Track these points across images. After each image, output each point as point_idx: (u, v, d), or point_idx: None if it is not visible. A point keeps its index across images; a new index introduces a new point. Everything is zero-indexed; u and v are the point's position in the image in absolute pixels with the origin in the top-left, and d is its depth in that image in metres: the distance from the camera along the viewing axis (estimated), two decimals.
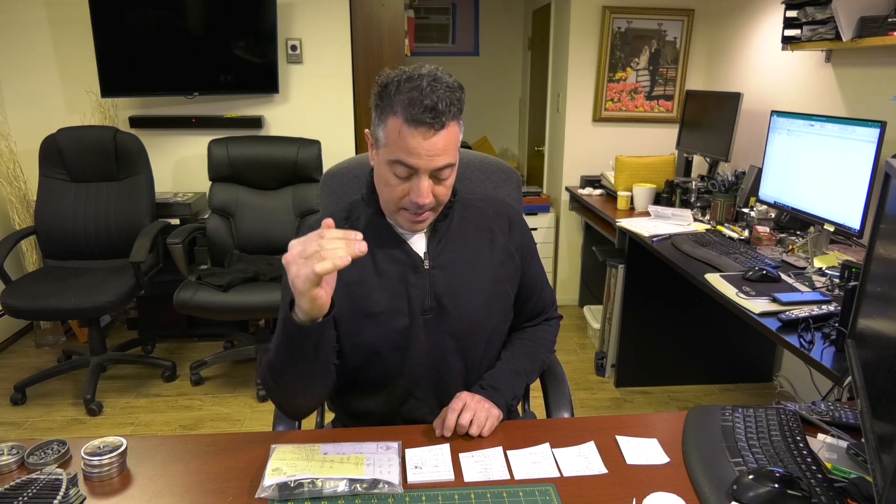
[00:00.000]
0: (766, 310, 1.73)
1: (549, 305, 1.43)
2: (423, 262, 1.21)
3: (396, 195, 1.12)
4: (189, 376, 3.05)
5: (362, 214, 1.25)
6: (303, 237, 0.93)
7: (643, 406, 2.90)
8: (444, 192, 1.15)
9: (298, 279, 0.91)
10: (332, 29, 3.43)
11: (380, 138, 1.12)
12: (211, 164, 3.17)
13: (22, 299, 2.66)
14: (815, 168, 2.26)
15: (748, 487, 0.89)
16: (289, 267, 0.92)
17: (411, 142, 1.07)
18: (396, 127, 1.07)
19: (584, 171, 3.77)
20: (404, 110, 1.06)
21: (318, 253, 0.90)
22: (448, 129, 1.09)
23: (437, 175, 1.11)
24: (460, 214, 1.26)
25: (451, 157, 1.11)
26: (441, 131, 1.07)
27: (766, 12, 3.06)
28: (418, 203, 1.11)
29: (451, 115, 1.08)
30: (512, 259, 1.29)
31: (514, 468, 1.01)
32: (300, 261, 0.91)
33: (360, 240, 0.92)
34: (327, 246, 0.90)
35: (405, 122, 1.06)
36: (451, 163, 1.12)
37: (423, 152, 1.07)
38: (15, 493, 0.89)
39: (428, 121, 1.05)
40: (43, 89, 3.38)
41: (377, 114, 1.12)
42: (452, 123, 1.10)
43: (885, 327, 0.96)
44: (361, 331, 1.19)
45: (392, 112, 1.08)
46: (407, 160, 1.08)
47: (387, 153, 1.10)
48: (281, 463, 0.98)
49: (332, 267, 0.89)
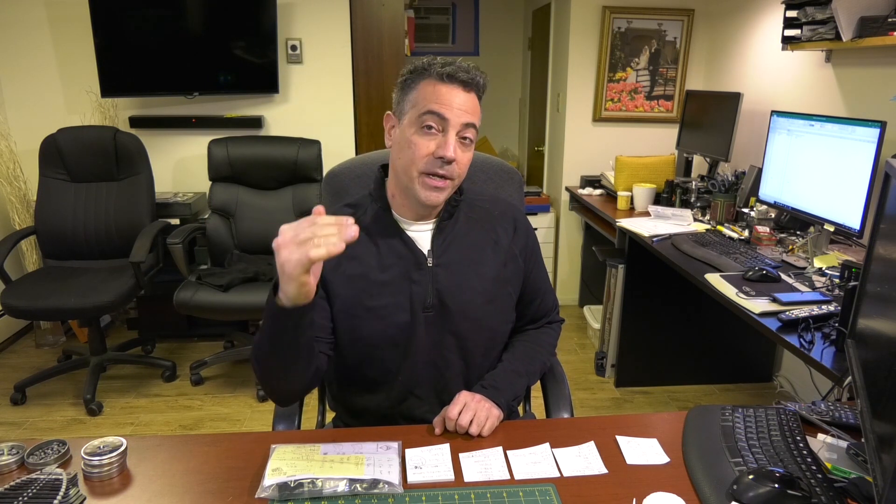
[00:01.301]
0: (766, 310, 1.73)
1: (552, 309, 1.43)
2: (427, 259, 1.21)
3: (421, 153, 1.14)
4: (189, 376, 3.05)
5: (369, 209, 1.25)
6: (294, 222, 0.92)
7: (643, 406, 2.90)
8: (465, 161, 1.18)
9: (290, 263, 0.91)
10: (332, 29, 3.43)
11: (405, 107, 1.16)
12: (211, 164, 3.17)
13: (22, 299, 2.66)
14: (815, 168, 2.26)
15: (748, 487, 0.89)
16: (279, 251, 0.92)
17: (446, 95, 1.13)
18: (431, 85, 1.14)
19: (584, 171, 3.76)
20: (438, 71, 1.13)
21: (312, 239, 0.89)
22: (475, 96, 1.16)
23: (462, 135, 1.15)
24: (466, 214, 1.27)
25: (476, 119, 1.17)
26: (471, 92, 1.15)
27: (766, 12, 3.06)
28: (446, 156, 1.12)
29: (480, 85, 1.17)
30: (515, 261, 1.30)
31: (514, 468, 1.01)
32: (292, 246, 0.90)
33: (351, 224, 0.91)
34: (320, 232, 0.90)
35: (439, 79, 1.13)
36: (475, 124, 1.17)
37: (454, 105, 1.13)
38: (15, 493, 0.89)
39: (462, 77, 1.13)
40: (43, 89, 3.38)
41: (404, 89, 1.17)
42: (477, 95, 1.17)
43: (885, 327, 0.96)
44: (361, 325, 1.19)
45: (426, 76, 1.15)
46: (439, 110, 1.12)
47: (416, 111, 1.14)
48: (281, 463, 0.98)
49: (327, 253, 0.89)
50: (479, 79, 1.16)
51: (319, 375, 1.17)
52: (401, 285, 1.19)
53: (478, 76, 1.15)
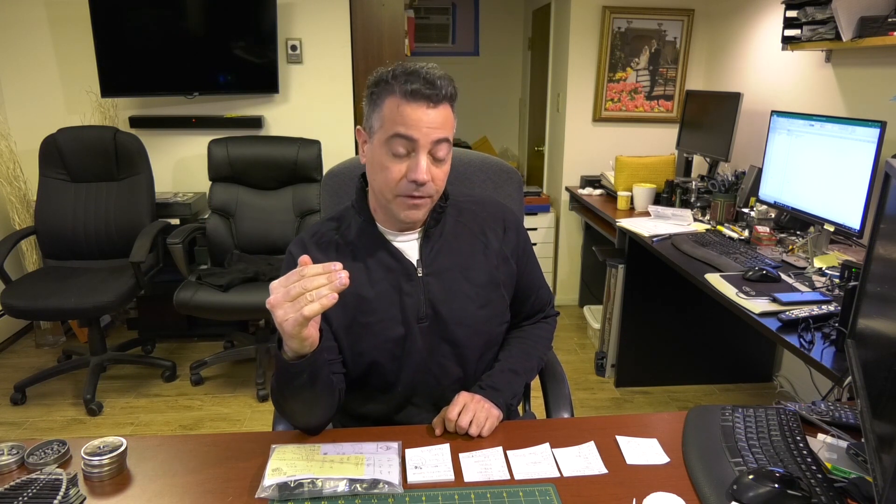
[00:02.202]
0: (766, 310, 1.73)
1: (547, 304, 1.42)
2: (417, 269, 1.20)
3: (394, 177, 1.11)
4: (189, 376, 3.05)
5: (353, 222, 1.23)
6: (283, 277, 0.93)
7: (643, 406, 2.90)
8: (442, 176, 1.14)
9: (287, 323, 0.91)
10: (332, 29, 3.43)
11: (374, 125, 1.12)
12: (211, 164, 3.17)
13: (22, 299, 2.66)
14: (815, 168, 2.26)
15: (748, 487, 0.89)
16: (274, 311, 0.91)
17: (411, 115, 1.07)
18: (395, 104, 1.08)
19: (584, 171, 3.76)
20: (402, 88, 1.07)
21: (304, 295, 0.89)
22: (445, 106, 1.11)
23: (435, 153, 1.11)
24: (454, 218, 1.25)
25: (448, 132, 1.12)
26: (439, 106, 1.09)
27: (766, 12, 3.06)
28: (417, 180, 1.09)
29: (448, 95, 1.10)
30: (507, 263, 1.28)
31: (514, 468, 1.01)
32: (286, 305, 0.90)
33: (339, 269, 0.91)
34: (310, 286, 0.90)
35: (403, 97, 1.08)
36: (447, 138, 1.12)
37: (422, 125, 1.08)
38: (15, 493, 0.89)
39: (426, 92, 1.07)
40: (43, 89, 3.37)
41: (371, 104, 1.13)
42: (448, 105, 1.11)
43: (885, 327, 0.96)
44: (359, 341, 1.19)
45: (389, 93, 1.09)
46: (406, 132, 1.08)
47: (384, 132, 1.10)
48: (281, 463, 0.98)
49: (320, 308, 0.89)
50: (445, 90, 1.09)
51: (340, 401, 1.18)
52: (393, 298, 1.19)
53: (444, 86, 1.09)
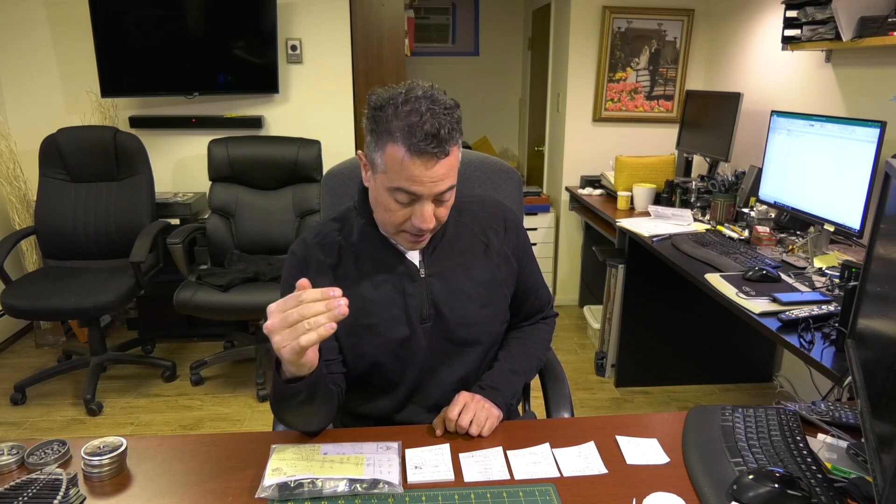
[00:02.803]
0: (766, 310, 1.73)
1: (546, 304, 1.43)
2: (419, 270, 1.21)
3: (397, 220, 1.11)
4: (189, 376, 3.05)
5: (355, 224, 1.23)
6: (281, 301, 0.91)
7: (643, 406, 2.90)
8: (445, 212, 1.15)
9: (284, 350, 0.90)
10: (332, 29, 3.43)
11: (377, 164, 1.09)
12: (211, 164, 3.17)
13: (22, 299, 2.66)
14: (815, 168, 2.26)
15: (748, 487, 0.89)
16: (272, 335, 0.90)
17: (414, 171, 1.04)
18: (398, 156, 1.04)
19: (584, 171, 3.76)
20: (405, 139, 1.03)
21: (301, 322, 0.88)
22: (450, 155, 1.07)
23: (440, 198, 1.11)
24: (455, 219, 1.25)
25: (452, 179, 1.11)
26: (444, 159, 1.06)
27: (766, 12, 3.06)
28: (422, 227, 1.10)
29: (453, 141, 1.07)
30: (508, 262, 1.29)
31: (514, 468, 1.01)
32: (284, 331, 0.89)
33: (338, 297, 0.90)
34: (307, 313, 0.88)
35: (407, 151, 1.03)
36: (452, 185, 1.11)
37: (426, 180, 1.06)
38: (15, 493, 0.89)
39: (431, 150, 1.03)
40: (43, 89, 3.38)
41: (373, 138, 1.09)
42: (454, 148, 1.08)
43: (885, 327, 0.96)
44: (361, 342, 1.19)
45: (391, 139, 1.05)
46: (410, 188, 1.06)
47: (387, 180, 1.08)
48: (281, 463, 0.98)
49: (318, 338, 0.88)
50: (451, 138, 1.05)
51: (343, 395, 1.19)
52: (396, 299, 1.19)
53: (451, 136, 1.05)
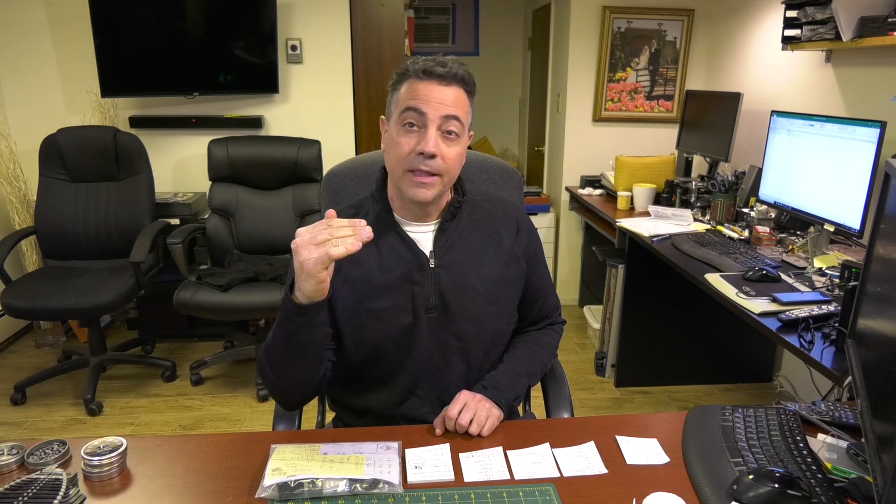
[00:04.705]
0: (766, 310, 1.73)
1: (554, 310, 1.43)
2: (429, 260, 1.21)
3: (404, 151, 1.14)
4: (189, 376, 3.05)
5: (370, 210, 1.25)
6: (310, 225, 0.99)
7: (643, 406, 2.90)
8: (452, 156, 1.16)
9: (310, 262, 0.96)
10: (332, 29, 3.43)
11: (392, 108, 1.17)
12: (211, 164, 3.17)
13: (22, 299, 2.66)
14: (815, 168, 2.26)
15: (748, 487, 0.89)
16: (298, 251, 0.97)
17: (423, 90, 1.13)
18: (410, 84, 1.14)
19: (584, 171, 3.76)
20: (416, 69, 1.14)
21: (329, 240, 0.96)
22: (456, 88, 1.15)
23: (445, 129, 1.14)
24: (469, 215, 1.27)
25: (460, 111, 1.15)
26: (451, 85, 1.14)
27: (766, 12, 3.06)
28: (425, 151, 1.11)
29: (459, 77, 1.15)
30: (518, 262, 1.30)
31: (514, 468, 1.01)
32: (311, 246, 0.97)
33: (364, 225, 0.97)
34: (336, 234, 0.96)
35: (417, 76, 1.14)
36: (458, 116, 1.14)
37: (432, 99, 1.12)
38: (15, 493, 0.89)
39: (439, 71, 1.13)
40: (43, 89, 3.37)
41: (392, 93, 1.18)
42: (460, 88, 1.15)
43: (885, 327, 0.96)
44: (365, 327, 1.19)
45: (406, 77, 1.15)
46: (416, 105, 1.12)
47: (398, 110, 1.15)
48: (281, 463, 0.98)
49: (345, 252, 0.95)
50: (457, 71, 1.14)
51: (325, 380, 1.20)
52: (403, 287, 1.20)
53: (456, 69, 1.15)
